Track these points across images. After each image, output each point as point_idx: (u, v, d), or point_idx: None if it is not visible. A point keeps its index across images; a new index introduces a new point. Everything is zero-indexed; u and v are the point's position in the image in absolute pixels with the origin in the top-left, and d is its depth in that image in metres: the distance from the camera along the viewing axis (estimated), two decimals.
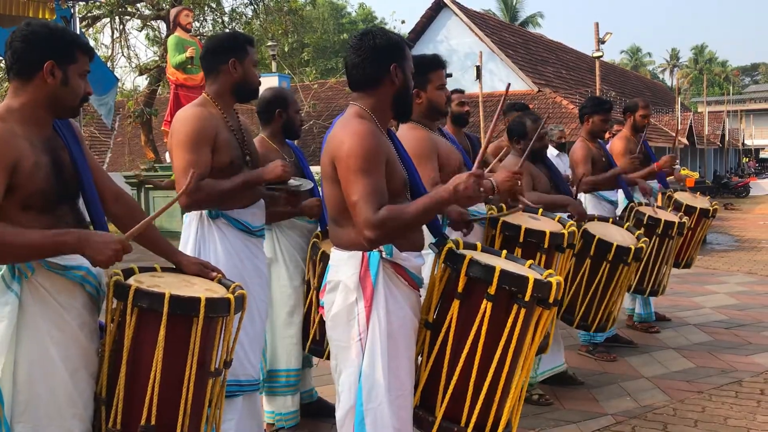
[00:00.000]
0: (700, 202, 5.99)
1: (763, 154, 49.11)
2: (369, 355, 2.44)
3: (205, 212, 3.05)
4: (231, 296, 2.35)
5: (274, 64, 16.90)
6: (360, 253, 2.46)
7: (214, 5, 17.66)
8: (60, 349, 2.18)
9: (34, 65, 2.19)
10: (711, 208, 5.89)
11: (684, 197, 5.98)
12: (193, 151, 2.91)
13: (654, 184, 5.97)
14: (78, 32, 9.28)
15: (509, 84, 3.49)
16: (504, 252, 2.85)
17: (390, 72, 2.51)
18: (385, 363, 2.42)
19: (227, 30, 16.06)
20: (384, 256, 2.45)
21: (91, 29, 17.43)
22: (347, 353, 2.50)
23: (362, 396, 2.44)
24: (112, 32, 17.44)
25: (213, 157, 2.95)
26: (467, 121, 5.10)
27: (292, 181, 3.23)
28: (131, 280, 2.31)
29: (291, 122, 3.84)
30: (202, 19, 17.06)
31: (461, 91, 5.33)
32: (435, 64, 3.35)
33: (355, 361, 2.47)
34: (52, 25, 2.25)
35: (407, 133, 3.33)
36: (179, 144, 2.94)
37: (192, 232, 3.05)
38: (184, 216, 3.14)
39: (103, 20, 17.35)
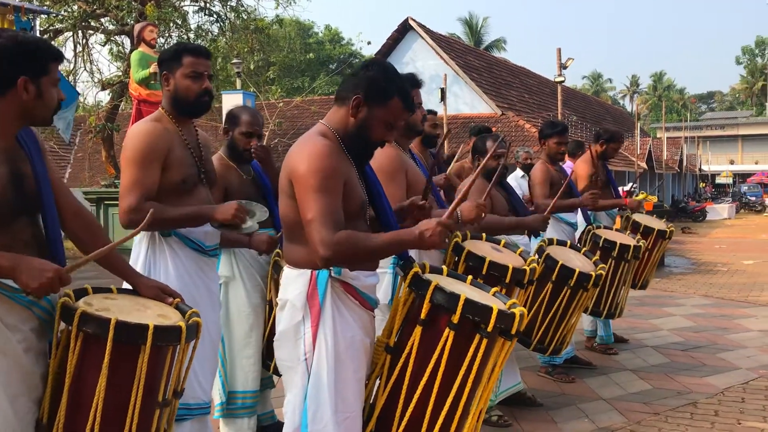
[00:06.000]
0: (657, 223, 6.11)
1: (719, 180, 50.32)
2: (315, 376, 2.41)
3: None
4: (183, 324, 2.25)
5: (238, 82, 16.84)
6: (309, 271, 2.44)
7: (179, 22, 17.56)
8: (1, 374, 2.09)
9: (7, 81, 2.13)
10: (668, 230, 6.01)
11: (642, 218, 6.10)
12: (141, 168, 2.83)
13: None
14: None
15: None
16: (469, 278, 2.85)
17: (350, 101, 2.48)
18: (331, 384, 2.40)
19: None
20: (333, 274, 2.43)
21: (52, 42, 17.19)
22: (293, 374, 2.47)
23: (307, 417, 2.40)
24: (75, 46, 17.24)
25: (164, 175, 2.88)
26: (436, 143, 5.14)
27: (247, 223, 3.06)
28: (81, 302, 2.22)
29: (234, 143, 3.68)
30: (167, 35, 16.93)
31: (434, 113, 5.33)
32: (410, 84, 3.35)
33: (301, 382, 2.44)
34: (21, 38, 2.17)
35: (378, 150, 3.31)
36: (128, 160, 2.87)
37: (142, 250, 2.96)
38: None
39: (66, 34, 17.15)
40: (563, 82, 18.58)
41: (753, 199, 38.07)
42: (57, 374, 2.20)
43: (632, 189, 6.61)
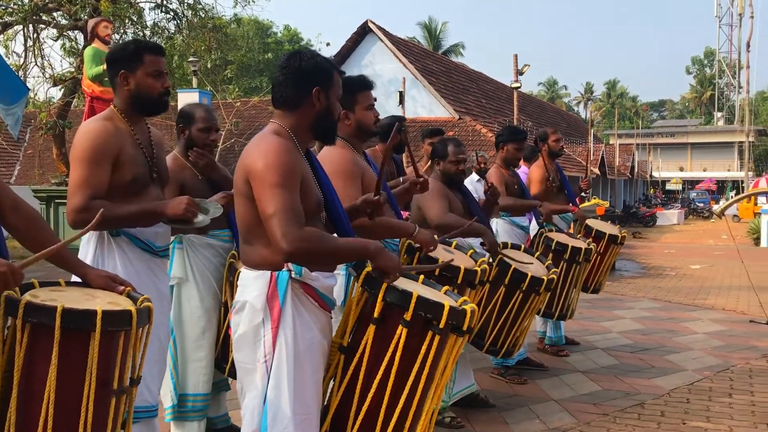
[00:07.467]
0: (610, 228, 6.24)
1: (669, 186, 51.57)
2: (275, 379, 2.40)
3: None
4: (132, 308, 2.22)
5: (195, 80, 16.64)
6: (268, 272, 2.42)
7: (135, 18, 17.26)
8: None
9: None
10: (619, 236, 6.14)
11: (594, 223, 6.23)
12: (91, 167, 2.78)
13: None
14: None
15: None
16: (421, 277, 2.87)
17: (311, 95, 2.50)
18: (291, 386, 2.39)
19: None
20: (293, 275, 2.42)
21: (1, 36, 16.73)
22: (252, 376, 2.45)
23: (267, 420, 2.39)
24: (25, 40, 16.79)
25: (114, 174, 2.82)
26: (403, 149, 5.19)
27: (199, 218, 3.00)
28: (27, 295, 2.16)
29: (192, 142, 3.65)
30: (122, 32, 16.62)
31: (403, 119, 5.39)
32: (362, 86, 3.36)
33: (260, 384, 2.42)
34: None
35: (332, 152, 3.29)
36: (78, 159, 2.81)
37: (90, 250, 2.90)
38: None
39: (16, 27, 16.70)
40: (519, 88, 18.86)
41: (701, 205, 39.11)
42: (5, 371, 2.13)
43: (585, 194, 6.72)
